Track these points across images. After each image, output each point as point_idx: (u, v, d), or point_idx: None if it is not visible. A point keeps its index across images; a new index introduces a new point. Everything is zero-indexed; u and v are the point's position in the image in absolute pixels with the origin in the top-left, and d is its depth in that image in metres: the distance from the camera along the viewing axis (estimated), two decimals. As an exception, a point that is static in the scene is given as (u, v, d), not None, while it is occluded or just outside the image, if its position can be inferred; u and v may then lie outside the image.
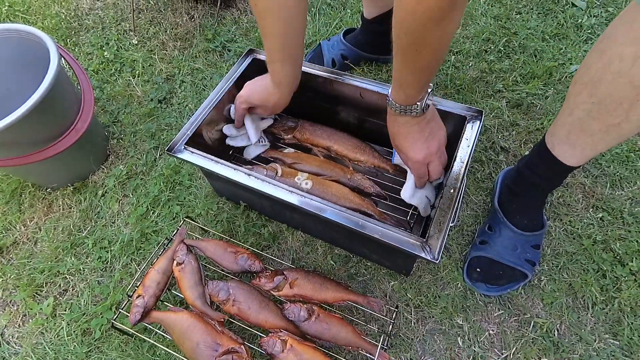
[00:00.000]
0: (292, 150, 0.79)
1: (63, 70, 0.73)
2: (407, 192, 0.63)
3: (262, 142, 0.78)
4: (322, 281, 0.60)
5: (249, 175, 0.60)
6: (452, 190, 0.58)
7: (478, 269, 0.67)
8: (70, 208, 0.82)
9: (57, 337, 0.67)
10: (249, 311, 0.57)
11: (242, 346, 0.54)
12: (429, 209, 0.66)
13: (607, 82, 0.46)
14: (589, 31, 0.95)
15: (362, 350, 0.56)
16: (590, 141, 0.53)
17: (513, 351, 0.61)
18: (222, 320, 0.58)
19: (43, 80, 0.67)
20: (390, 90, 0.55)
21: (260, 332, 0.60)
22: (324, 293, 0.58)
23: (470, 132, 0.63)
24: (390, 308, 0.62)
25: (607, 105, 0.48)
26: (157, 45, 1.08)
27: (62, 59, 0.76)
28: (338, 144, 0.76)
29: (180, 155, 0.64)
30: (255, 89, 0.69)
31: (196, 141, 0.67)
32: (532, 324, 0.63)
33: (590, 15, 0.98)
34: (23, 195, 0.84)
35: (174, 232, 0.69)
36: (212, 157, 0.63)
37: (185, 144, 0.65)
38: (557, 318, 0.64)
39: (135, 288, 0.62)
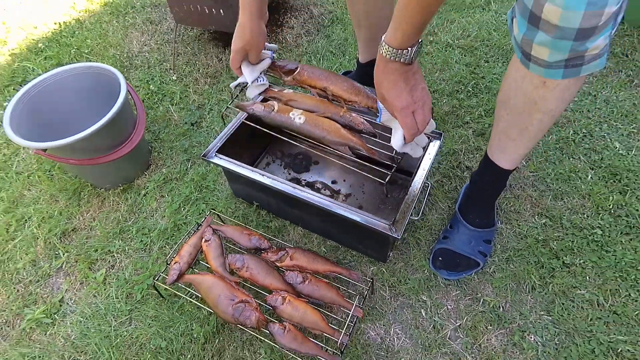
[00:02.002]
0: (290, 91, 0.86)
1: (127, 97, 1.00)
2: (398, 142, 0.69)
3: (260, 81, 0.86)
4: (315, 256, 0.80)
5: (262, 174, 0.83)
6: (415, 190, 0.79)
7: (440, 258, 0.86)
8: (119, 204, 1.06)
9: (107, 298, 0.88)
10: (258, 276, 0.78)
11: (251, 298, 0.73)
12: (420, 151, 0.74)
13: (512, 98, 0.68)
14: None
15: (342, 308, 0.75)
16: (513, 145, 0.74)
17: (464, 320, 0.79)
18: (237, 281, 0.78)
19: (115, 104, 0.94)
20: (384, 36, 0.60)
21: (266, 292, 0.79)
22: (316, 265, 0.79)
23: (432, 148, 0.85)
24: (367, 279, 0.81)
25: (516, 114, 0.69)
26: (191, 81, 1.37)
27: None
28: (334, 84, 0.80)
29: (212, 160, 0.87)
30: (234, 36, 0.80)
31: (223, 151, 0.90)
32: (481, 301, 0.81)
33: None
34: (82, 193, 1.08)
35: (202, 220, 0.91)
36: (235, 161, 0.86)
37: (216, 152, 0.89)
38: (503, 298, 0.82)
39: (173, 257, 0.83)
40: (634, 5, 1.26)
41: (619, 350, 0.73)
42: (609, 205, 0.91)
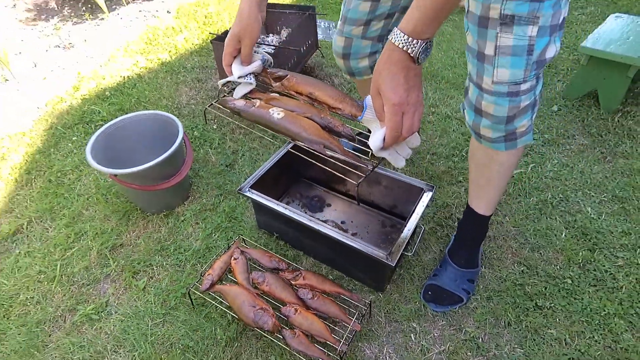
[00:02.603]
0: (277, 95, 0.86)
1: (182, 139, 1.27)
2: (377, 142, 0.66)
3: (247, 79, 0.85)
4: (324, 278, 0.98)
5: (285, 207, 1.04)
6: (409, 230, 0.98)
7: (430, 292, 1.03)
8: (160, 227, 1.27)
9: (146, 303, 1.06)
10: (275, 290, 0.96)
11: (269, 307, 0.91)
12: (401, 161, 0.71)
13: (475, 154, 0.91)
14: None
15: (343, 322, 0.91)
16: (484, 191, 0.96)
17: (448, 346, 0.94)
18: (258, 293, 0.96)
19: (174, 144, 1.20)
20: (398, 25, 0.61)
21: (281, 305, 0.96)
22: (324, 285, 0.96)
23: (425, 197, 1.06)
24: (366, 302, 0.97)
25: (480, 166, 0.92)
26: (228, 130, 1.65)
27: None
28: (320, 90, 0.80)
29: (245, 193, 1.10)
30: (233, 24, 0.83)
31: (254, 187, 1.13)
32: (463, 331, 0.96)
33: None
34: (131, 215, 1.31)
35: (232, 243, 1.11)
36: (264, 195, 1.08)
37: (249, 187, 1.11)
38: (482, 330, 0.96)
39: (206, 270, 1.02)
40: (607, 95, 1.52)
41: (578, 381, 0.86)
42: (579, 260, 1.08)
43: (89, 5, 2.74)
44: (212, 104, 0.93)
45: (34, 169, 1.51)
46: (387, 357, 0.94)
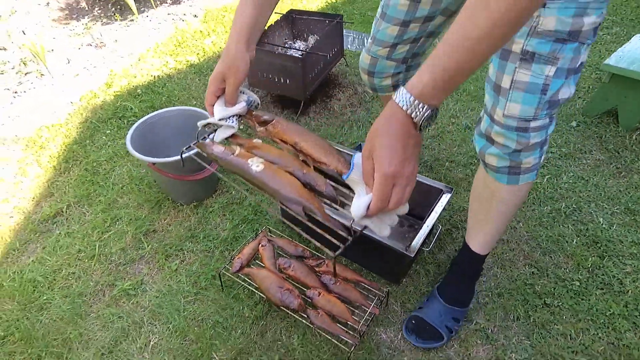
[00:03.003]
0: (260, 141, 0.84)
1: (215, 136, 1.45)
2: (360, 210, 0.63)
3: (229, 121, 0.84)
4: (345, 267, 1.14)
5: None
6: (427, 227, 1.14)
7: (413, 321, 1.11)
8: (190, 216, 1.45)
9: (178, 282, 1.23)
10: (300, 275, 1.12)
11: (295, 290, 1.06)
12: (386, 230, 0.68)
13: (478, 187, 1.01)
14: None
15: (363, 306, 1.06)
16: (481, 228, 1.02)
17: (459, 335, 1.07)
18: (284, 277, 1.11)
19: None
20: (406, 84, 0.59)
21: (305, 289, 1.12)
22: (346, 273, 1.12)
23: (444, 198, 1.21)
24: (384, 290, 1.12)
25: (483, 201, 0.98)
26: (254, 133, 1.83)
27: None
28: (306, 141, 0.79)
29: (276, 187, 1.26)
30: (218, 62, 0.82)
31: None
32: (474, 322, 1.10)
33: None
34: (162, 204, 1.49)
35: (259, 232, 1.27)
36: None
37: (279, 182, 1.28)
38: (492, 323, 1.10)
39: (236, 255, 1.19)
40: (627, 113, 1.67)
41: (580, 370, 0.99)
42: (588, 265, 1.22)
43: (119, 7, 3.01)
44: (189, 146, 0.90)
45: (71, 159, 1.71)
46: (402, 342, 1.08)
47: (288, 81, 1.79)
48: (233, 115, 0.87)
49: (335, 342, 1.04)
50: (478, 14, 0.52)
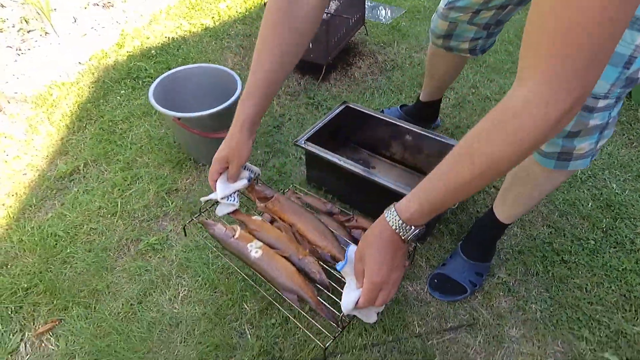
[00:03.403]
0: (259, 218, 0.93)
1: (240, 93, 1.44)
2: (350, 305, 0.73)
3: (230, 200, 0.91)
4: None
5: (340, 158, 1.22)
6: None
7: (436, 280, 1.15)
8: (211, 176, 1.45)
9: (205, 238, 1.25)
10: (331, 229, 1.14)
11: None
12: (374, 317, 0.77)
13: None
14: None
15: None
16: (511, 204, 1.02)
17: (482, 287, 1.11)
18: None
19: (234, 95, 1.37)
20: (395, 203, 0.66)
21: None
22: (374, 228, 1.14)
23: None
24: (411, 246, 1.15)
25: (516, 179, 0.94)
26: (275, 96, 1.81)
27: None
28: (302, 223, 0.87)
29: (302, 145, 1.28)
30: (220, 147, 0.90)
31: (309, 141, 1.31)
32: (496, 277, 1.15)
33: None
34: (183, 164, 1.49)
35: (286, 190, 1.29)
36: (317, 146, 1.26)
37: (305, 140, 1.29)
38: (512, 277, 1.15)
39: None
40: (637, 89, 1.71)
41: (596, 319, 1.05)
42: (603, 226, 1.27)
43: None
44: (192, 219, 1.03)
45: (85, 117, 1.68)
46: (427, 295, 1.12)
47: (310, 44, 1.78)
48: (235, 192, 0.94)
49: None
50: (462, 165, 0.57)
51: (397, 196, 1.20)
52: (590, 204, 1.35)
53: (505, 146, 0.53)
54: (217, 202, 0.96)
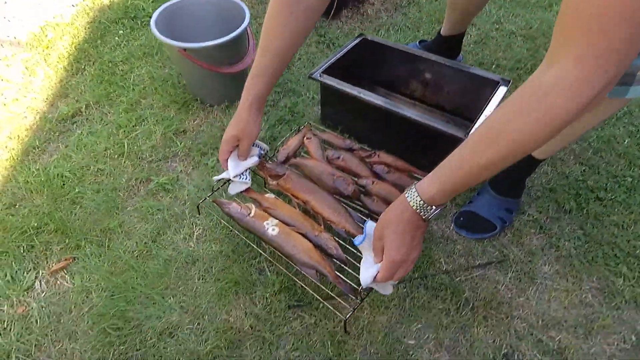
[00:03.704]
0: (272, 196, 0.92)
1: (247, 25, 1.34)
2: (368, 279, 0.75)
3: (242, 178, 0.92)
4: (397, 158, 1.10)
5: (360, 91, 1.14)
6: (485, 116, 1.09)
7: (462, 218, 1.09)
8: (222, 117, 1.38)
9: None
10: (351, 165, 1.08)
11: (347, 177, 1.03)
12: (390, 288, 0.80)
13: None
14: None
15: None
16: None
17: (514, 227, 1.07)
18: (334, 166, 1.08)
19: (242, 26, 1.27)
20: (416, 183, 0.66)
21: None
22: (398, 163, 1.09)
23: (501, 91, 1.15)
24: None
25: None
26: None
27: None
28: (316, 200, 0.88)
29: (317, 78, 1.19)
30: (229, 125, 0.92)
31: (325, 73, 1.22)
32: (527, 214, 1.10)
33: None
34: (190, 106, 1.42)
35: (302, 127, 1.22)
36: (334, 79, 1.18)
37: (321, 72, 1.21)
38: (544, 215, 1.10)
39: (281, 146, 1.14)
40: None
41: (635, 255, 1.00)
42: (640, 163, 1.21)
43: None
44: (205, 198, 1.02)
45: (83, 59, 1.59)
46: (453, 233, 1.08)
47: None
48: (246, 170, 0.94)
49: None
50: (487, 146, 0.56)
51: (422, 131, 1.15)
52: (626, 141, 1.27)
53: (534, 127, 0.53)
54: (229, 181, 0.97)
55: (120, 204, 1.15)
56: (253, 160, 0.96)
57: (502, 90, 1.16)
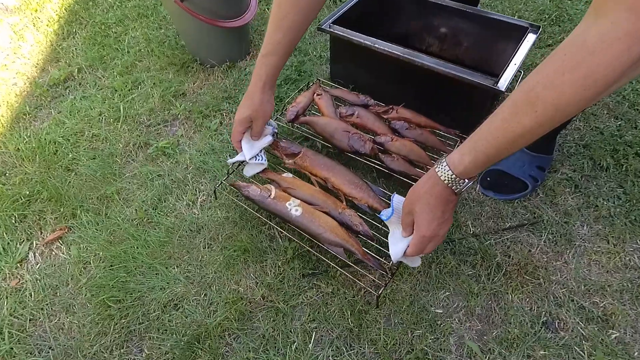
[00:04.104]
0: (290, 175, 0.87)
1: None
2: (399, 254, 0.71)
3: (258, 159, 0.88)
4: (417, 113, 0.99)
5: (375, 41, 1.02)
6: (514, 64, 0.97)
7: (488, 179, 0.97)
8: (223, 79, 1.27)
9: (221, 141, 1.09)
10: (367, 122, 0.97)
11: (364, 134, 0.92)
12: (418, 261, 0.76)
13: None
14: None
15: (442, 151, 0.93)
16: None
17: (547, 187, 0.96)
18: (349, 123, 0.97)
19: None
20: (446, 157, 0.61)
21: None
22: (419, 119, 0.98)
23: (530, 38, 1.03)
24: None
25: None
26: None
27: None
28: (336, 177, 0.83)
29: (327, 29, 1.07)
30: (240, 105, 0.86)
31: (335, 23, 1.10)
32: (559, 172, 0.99)
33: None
34: (189, 67, 1.30)
35: (311, 83, 1.10)
36: (346, 29, 1.06)
37: (331, 22, 1.08)
38: (578, 173, 0.99)
39: (289, 104, 1.03)
40: None
41: (684, 212, 0.90)
42: (682, 116, 1.09)
43: None
44: (221, 182, 0.94)
45: (74, 22, 1.47)
46: (479, 194, 0.97)
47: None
48: (261, 151, 0.90)
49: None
50: (523, 114, 0.52)
51: (444, 83, 0.99)
52: (665, 93, 1.16)
53: (575, 90, 0.47)
54: (244, 163, 0.92)
55: (117, 170, 1.05)
56: (267, 140, 0.91)
57: (531, 38, 1.04)
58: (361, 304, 0.80)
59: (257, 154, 0.90)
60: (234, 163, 0.92)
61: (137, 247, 0.89)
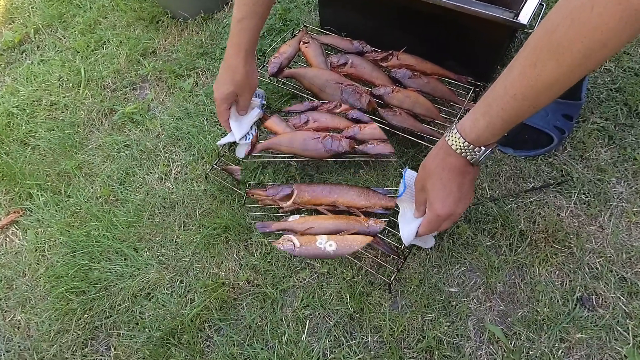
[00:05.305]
0: (296, 216, 0.78)
1: None
2: (411, 237, 0.64)
3: (248, 138, 0.80)
4: (422, 59, 0.81)
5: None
6: (527, 14, 0.77)
7: (505, 133, 0.80)
8: (199, 33, 1.07)
9: (197, 104, 0.91)
10: (363, 71, 0.79)
11: (358, 86, 0.75)
12: (432, 240, 0.68)
13: None
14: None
15: (452, 103, 0.76)
16: None
17: (575, 139, 0.80)
18: (341, 74, 0.79)
19: None
20: (457, 123, 0.52)
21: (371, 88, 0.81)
22: (424, 65, 0.79)
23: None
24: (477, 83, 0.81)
25: None
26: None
27: None
28: (342, 197, 0.77)
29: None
30: (220, 81, 0.74)
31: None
32: (590, 121, 0.81)
33: None
34: (160, 22, 1.10)
35: (297, 31, 0.91)
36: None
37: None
38: (611, 122, 0.82)
39: (271, 55, 0.85)
40: None
41: None
42: None
43: None
44: (213, 166, 0.81)
45: (29, -24, 1.26)
46: (497, 153, 0.80)
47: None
48: (251, 127, 0.81)
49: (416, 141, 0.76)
50: (543, 64, 0.41)
51: (453, 21, 0.77)
52: None
53: (610, 28, 0.36)
54: (235, 144, 0.82)
55: (79, 141, 0.89)
56: (255, 113, 0.81)
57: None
58: (362, 285, 0.66)
59: (247, 132, 0.80)
60: (223, 145, 0.81)
61: (101, 230, 0.74)
